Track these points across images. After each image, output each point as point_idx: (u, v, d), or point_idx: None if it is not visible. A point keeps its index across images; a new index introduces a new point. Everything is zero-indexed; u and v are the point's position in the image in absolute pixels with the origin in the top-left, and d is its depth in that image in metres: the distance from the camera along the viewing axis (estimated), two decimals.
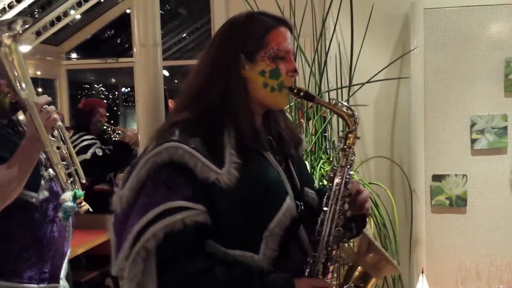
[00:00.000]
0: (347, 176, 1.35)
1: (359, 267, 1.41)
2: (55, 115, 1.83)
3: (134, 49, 2.12)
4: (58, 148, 1.90)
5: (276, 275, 1.23)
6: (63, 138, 1.95)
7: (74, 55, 6.70)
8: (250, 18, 1.34)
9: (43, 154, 1.90)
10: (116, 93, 8.85)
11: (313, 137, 2.67)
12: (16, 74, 1.74)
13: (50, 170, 1.93)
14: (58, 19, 5.85)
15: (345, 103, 1.42)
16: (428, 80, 2.54)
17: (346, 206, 1.34)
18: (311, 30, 2.80)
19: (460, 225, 2.52)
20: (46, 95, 1.85)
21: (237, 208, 1.23)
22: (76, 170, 2.01)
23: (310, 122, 2.73)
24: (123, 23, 6.54)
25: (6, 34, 1.71)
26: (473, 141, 2.50)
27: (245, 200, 1.23)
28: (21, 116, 1.98)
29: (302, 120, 2.74)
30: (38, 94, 1.86)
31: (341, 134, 1.43)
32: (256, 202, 1.25)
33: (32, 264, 1.87)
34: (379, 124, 2.83)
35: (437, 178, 2.53)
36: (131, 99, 8.11)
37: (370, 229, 2.45)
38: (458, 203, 2.51)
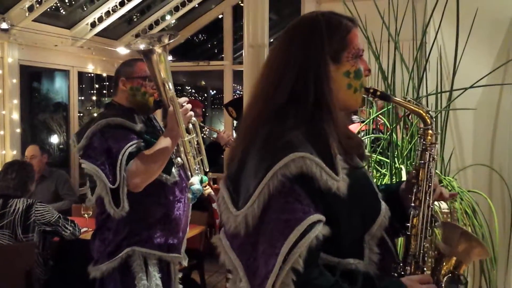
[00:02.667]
0: (431, 172, 1.37)
1: (449, 255, 1.39)
2: (191, 112, 2.18)
3: (243, 51, 2.25)
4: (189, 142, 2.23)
5: (388, 280, 1.24)
6: (196, 132, 2.29)
7: (169, 58, 7.02)
8: (330, 18, 1.31)
9: None
10: (205, 95, 9.16)
11: (409, 143, 2.65)
12: (163, 77, 2.10)
13: (179, 158, 2.25)
14: (156, 23, 6.19)
15: (417, 102, 1.42)
16: None
17: (432, 200, 1.37)
18: (411, 35, 2.79)
19: None
20: (184, 97, 2.23)
21: (350, 215, 1.21)
22: (202, 159, 2.33)
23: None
24: (215, 28, 6.78)
25: (158, 44, 2.05)
26: None
27: (355, 206, 1.22)
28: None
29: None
30: None
31: (420, 131, 1.43)
32: (363, 206, 1.25)
33: (162, 235, 2.22)
34: (479, 131, 2.76)
35: None
36: (218, 101, 8.36)
37: None
38: None
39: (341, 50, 1.28)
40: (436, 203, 2.34)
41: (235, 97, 6.35)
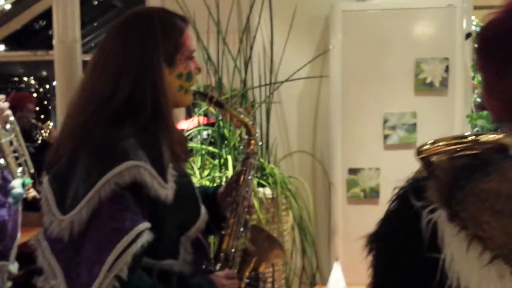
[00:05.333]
0: (249, 179, 1.49)
1: (254, 256, 1.53)
2: (8, 111, 2.03)
3: (54, 46, 2.15)
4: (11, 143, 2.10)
5: (198, 278, 1.31)
6: (15, 131, 2.14)
7: (1, 47, 6.45)
8: (164, 18, 1.31)
9: None
10: (48, 86, 8.58)
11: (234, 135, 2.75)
12: None
13: (1, 160, 2.08)
14: None
15: (246, 115, 1.54)
16: (346, 79, 2.68)
17: (246, 204, 1.49)
18: (237, 27, 2.88)
19: (373, 216, 2.65)
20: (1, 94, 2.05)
21: (172, 221, 1.26)
22: (25, 160, 2.18)
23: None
24: None
25: None
26: (385, 136, 2.67)
27: (178, 211, 1.26)
28: None
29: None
30: None
31: (245, 140, 1.54)
32: (185, 212, 1.31)
33: None
34: (302, 120, 2.96)
35: (352, 171, 2.69)
36: None
37: (289, 220, 2.57)
38: (372, 195, 2.67)
39: (175, 52, 1.29)
40: (261, 189, 2.48)
41: None
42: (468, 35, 2.74)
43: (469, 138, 0.70)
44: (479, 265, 0.64)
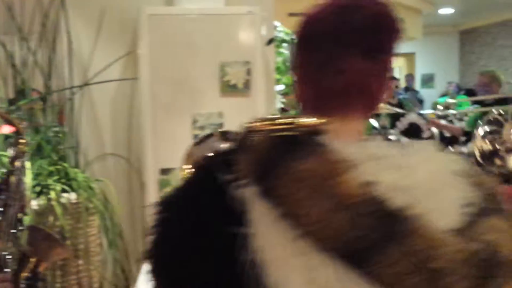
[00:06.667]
0: (20, 179, 1.48)
1: (32, 256, 1.50)
2: None
3: None
4: None
5: None
6: None
7: None
8: None
9: None
10: None
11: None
12: None
13: None
14: None
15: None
16: (155, 81, 2.73)
17: (19, 205, 1.46)
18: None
19: None
20: None
21: None
22: None
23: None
24: None
25: None
26: (195, 136, 2.75)
27: None
28: None
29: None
30: None
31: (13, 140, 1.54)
32: None
33: None
34: (116, 123, 2.94)
35: (164, 171, 2.74)
36: None
37: (96, 225, 2.54)
38: None
39: None
40: (65, 194, 2.43)
41: None
42: (270, 41, 2.95)
43: (288, 120, 0.70)
44: (286, 241, 0.63)
